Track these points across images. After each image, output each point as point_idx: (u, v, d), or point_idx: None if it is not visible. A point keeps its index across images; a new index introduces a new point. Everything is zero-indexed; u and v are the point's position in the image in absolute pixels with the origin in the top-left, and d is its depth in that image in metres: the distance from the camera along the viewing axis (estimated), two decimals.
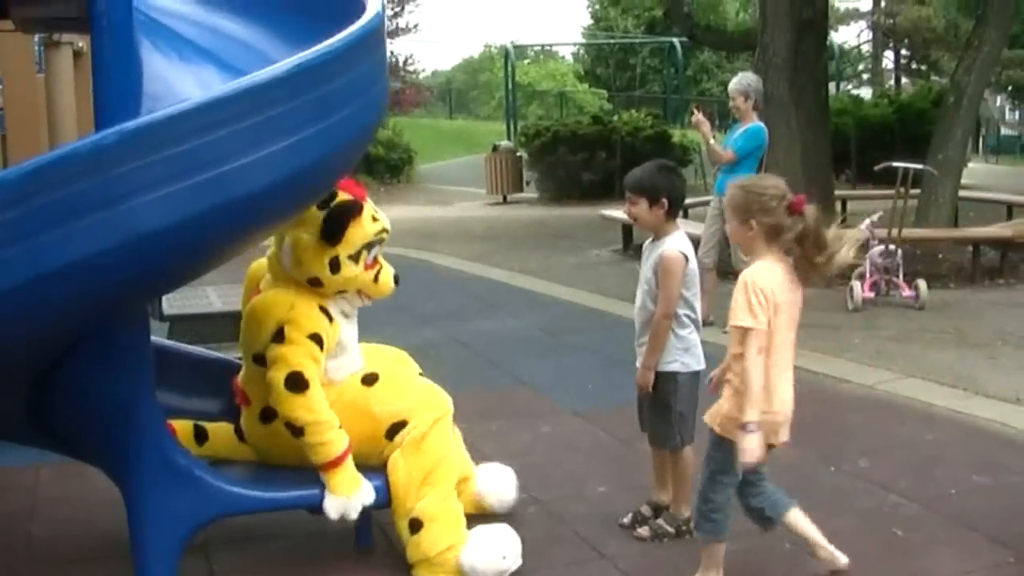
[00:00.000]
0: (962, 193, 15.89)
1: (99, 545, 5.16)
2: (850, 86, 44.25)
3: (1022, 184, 25.04)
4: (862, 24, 49.69)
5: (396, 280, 5.03)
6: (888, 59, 52.26)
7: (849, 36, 53.62)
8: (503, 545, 4.77)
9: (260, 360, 4.70)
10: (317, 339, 4.64)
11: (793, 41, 14.85)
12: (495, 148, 26.23)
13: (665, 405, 5.09)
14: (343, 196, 4.67)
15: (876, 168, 12.38)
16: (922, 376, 8.04)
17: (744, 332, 4.23)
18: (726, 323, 9.73)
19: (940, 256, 13.71)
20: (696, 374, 5.13)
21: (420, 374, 5.17)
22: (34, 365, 4.07)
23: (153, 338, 4.51)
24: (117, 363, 4.14)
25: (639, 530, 5.19)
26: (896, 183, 11.32)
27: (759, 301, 4.20)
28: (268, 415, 4.81)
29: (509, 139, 29.44)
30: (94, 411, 4.25)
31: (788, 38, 14.82)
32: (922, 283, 10.82)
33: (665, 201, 5.09)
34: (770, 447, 4.36)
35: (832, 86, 33.71)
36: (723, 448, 4.39)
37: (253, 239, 4.19)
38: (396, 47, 32.20)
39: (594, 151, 24.14)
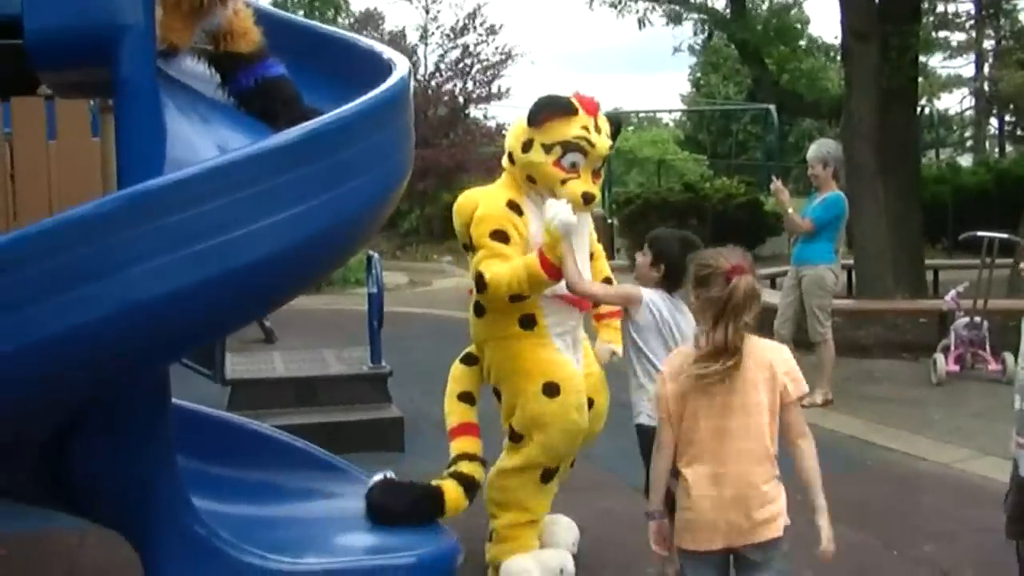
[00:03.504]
0: None
1: None
2: (953, 153, 43.50)
3: None
4: (964, 91, 49.07)
5: (588, 199, 5.25)
6: (993, 126, 51.52)
7: (952, 103, 52.95)
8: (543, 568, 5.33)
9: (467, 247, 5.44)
10: (499, 235, 5.18)
11: (879, 109, 14.64)
12: None
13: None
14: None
15: (960, 238, 12.07)
16: (1002, 455, 7.71)
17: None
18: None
19: None
20: None
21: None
22: (34, 434, 3.99)
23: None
24: (134, 434, 4.07)
25: None
26: (981, 253, 11.00)
27: (662, 389, 3.98)
28: (477, 309, 5.51)
29: (603, 207, 29.35)
30: (112, 481, 4.17)
31: (874, 106, 14.62)
32: (1009, 356, 10.42)
33: (663, 267, 5.09)
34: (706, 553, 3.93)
35: (932, 153, 33.24)
36: None
37: (261, 308, 4.10)
38: (494, 111, 32.30)
39: (685, 219, 23.87)
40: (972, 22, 29.22)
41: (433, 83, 31.45)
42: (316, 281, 4.50)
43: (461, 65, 30.90)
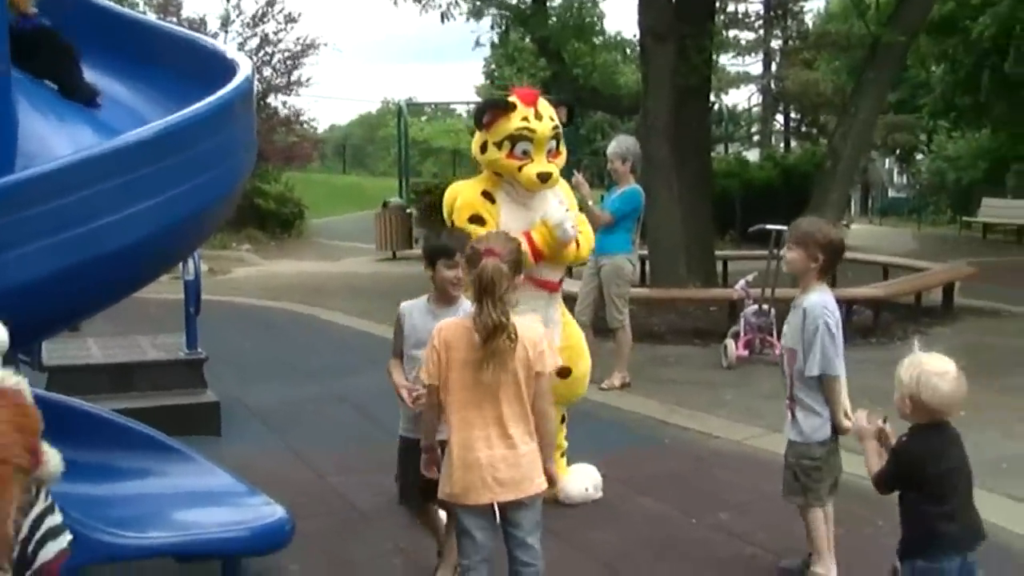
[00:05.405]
0: None
1: None
2: (740, 148, 44.86)
3: (901, 245, 25.69)
4: (752, 87, 50.57)
5: (544, 178, 6.18)
6: (778, 122, 53.15)
7: (740, 99, 54.55)
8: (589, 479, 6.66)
9: None
10: (476, 219, 6.08)
11: (674, 106, 15.22)
12: (385, 205, 25.96)
13: None
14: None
15: (749, 231, 12.65)
16: None
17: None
18: (603, 379, 9.86)
19: None
20: None
21: None
22: None
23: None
24: None
25: None
26: (769, 244, 11.58)
27: (431, 356, 4.38)
28: None
29: (401, 196, 29.35)
30: None
31: (669, 103, 15.19)
32: None
33: None
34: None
35: (721, 148, 34.31)
36: None
37: (123, 294, 4.29)
38: (291, 100, 31.99)
39: None
40: (761, 22, 30.24)
41: None
42: (172, 267, 4.69)
43: (261, 53, 30.56)
